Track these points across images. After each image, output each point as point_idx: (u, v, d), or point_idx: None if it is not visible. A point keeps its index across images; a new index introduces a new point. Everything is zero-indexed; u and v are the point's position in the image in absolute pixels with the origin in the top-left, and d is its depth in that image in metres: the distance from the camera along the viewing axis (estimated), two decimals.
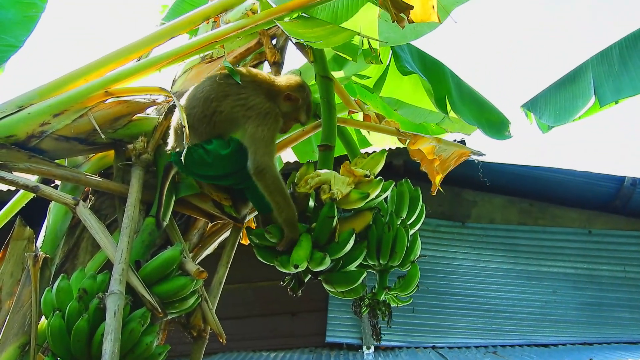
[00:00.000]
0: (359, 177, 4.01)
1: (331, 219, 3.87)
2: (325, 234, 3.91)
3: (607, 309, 12.82)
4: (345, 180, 3.97)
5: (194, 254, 4.33)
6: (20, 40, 4.57)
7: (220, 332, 3.98)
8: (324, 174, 4.03)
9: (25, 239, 4.06)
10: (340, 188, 3.91)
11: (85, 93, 4.01)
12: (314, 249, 3.87)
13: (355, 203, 3.96)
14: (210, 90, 3.94)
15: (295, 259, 3.78)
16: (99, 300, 3.32)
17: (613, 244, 13.28)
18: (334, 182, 3.95)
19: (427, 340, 12.09)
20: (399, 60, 5.01)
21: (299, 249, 3.82)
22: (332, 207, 3.86)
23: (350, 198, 3.93)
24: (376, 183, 4.01)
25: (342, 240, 3.92)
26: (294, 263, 3.77)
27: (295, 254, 3.80)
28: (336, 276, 4.11)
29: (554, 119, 5.39)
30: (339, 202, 3.92)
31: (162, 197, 3.93)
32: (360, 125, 5.12)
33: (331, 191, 3.90)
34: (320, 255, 3.84)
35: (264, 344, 12.26)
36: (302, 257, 3.78)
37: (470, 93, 5.65)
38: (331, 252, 3.90)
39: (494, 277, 12.87)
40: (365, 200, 3.95)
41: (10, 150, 3.85)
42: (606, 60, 5.42)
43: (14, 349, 3.68)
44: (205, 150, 3.83)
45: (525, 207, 13.47)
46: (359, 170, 4.05)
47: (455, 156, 4.97)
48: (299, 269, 3.81)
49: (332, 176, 3.99)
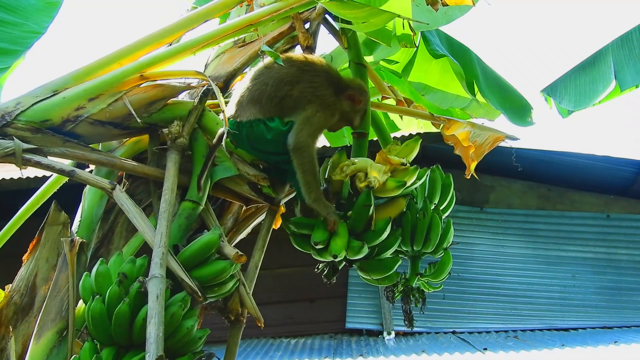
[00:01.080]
0: (395, 165, 4.00)
1: (368, 207, 3.86)
2: (362, 222, 3.90)
3: (626, 293, 12.83)
4: (381, 169, 3.96)
5: (229, 238, 4.31)
6: (42, 27, 4.57)
7: (258, 316, 3.96)
8: (360, 161, 4.02)
9: (61, 224, 4.07)
10: (377, 176, 3.89)
11: (121, 77, 3.98)
12: (351, 237, 3.87)
13: (391, 191, 3.95)
14: (286, 74, 3.96)
15: (334, 248, 3.78)
16: (140, 284, 3.31)
17: (631, 228, 13.32)
18: (370, 170, 3.94)
19: (447, 326, 12.12)
20: (429, 44, 4.99)
21: (337, 238, 3.82)
22: (369, 196, 3.85)
23: (387, 186, 3.93)
24: (412, 171, 3.99)
25: (379, 228, 3.91)
26: (332, 253, 3.77)
27: (334, 243, 3.79)
28: (372, 264, 4.10)
29: (574, 103, 5.37)
30: (375, 190, 3.90)
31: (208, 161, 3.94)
32: (394, 110, 5.11)
33: (368, 179, 3.88)
34: (358, 244, 3.83)
35: (284, 331, 12.30)
36: (340, 246, 3.77)
37: (495, 78, 5.62)
38: (368, 240, 3.90)
39: (513, 262, 12.89)
40: (402, 189, 3.95)
41: (46, 135, 3.82)
42: (627, 44, 5.39)
43: (52, 334, 3.68)
44: (267, 126, 3.88)
45: (544, 192, 13.47)
46: (395, 158, 4.03)
47: (490, 141, 4.95)
48: (338, 258, 3.81)
49: (368, 164, 3.98)
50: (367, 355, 10.28)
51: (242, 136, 3.92)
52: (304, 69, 4.02)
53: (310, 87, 3.96)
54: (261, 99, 3.91)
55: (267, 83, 3.95)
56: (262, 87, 3.94)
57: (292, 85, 3.94)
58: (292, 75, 3.97)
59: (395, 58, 5.57)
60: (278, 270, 12.09)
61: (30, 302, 3.91)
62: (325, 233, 3.84)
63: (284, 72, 3.97)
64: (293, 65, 4.02)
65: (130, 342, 3.34)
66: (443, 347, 10.69)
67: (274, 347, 11.35)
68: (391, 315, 12.09)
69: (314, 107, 3.92)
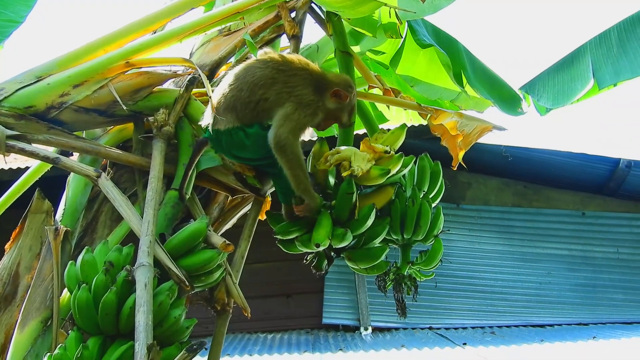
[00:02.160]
0: (379, 153, 3.96)
1: (350, 195, 3.83)
2: (345, 210, 3.87)
3: (601, 290, 12.93)
4: (365, 157, 3.92)
5: (214, 228, 4.28)
6: (21, 16, 4.52)
7: (244, 305, 3.94)
8: (344, 150, 3.98)
9: (44, 212, 4.01)
10: (361, 164, 3.85)
11: (106, 64, 3.93)
12: (335, 226, 3.84)
13: (376, 179, 3.91)
14: (260, 77, 3.81)
15: (316, 238, 3.74)
16: (127, 273, 3.27)
17: (606, 225, 13.42)
18: (355, 159, 3.90)
19: (424, 322, 12.15)
20: (416, 34, 4.97)
21: (320, 227, 3.79)
22: (350, 184, 3.81)
23: (371, 174, 3.88)
24: (397, 159, 3.96)
25: (362, 216, 3.89)
26: (315, 242, 3.74)
27: (316, 232, 3.77)
28: (359, 253, 4.09)
29: (552, 101, 5.37)
30: (360, 179, 3.87)
31: (189, 170, 3.88)
32: (381, 99, 5.09)
33: (351, 168, 3.85)
34: (341, 232, 3.81)
35: (260, 326, 12.27)
36: (322, 235, 3.74)
37: (483, 69, 5.62)
38: (352, 229, 3.87)
39: (489, 259, 12.94)
40: (386, 177, 3.90)
41: (30, 122, 3.76)
42: (605, 43, 5.41)
43: (37, 323, 3.63)
44: (245, 133, 3.75)
45: (520, 189, 13.53)
46: (379, 146, 4.00)
47: (478, 131, 4.94)
48: (321, 247, 3.78)
49: (352, 153, 3.94)
50: (347, 350, 10.27)
51: (222, 145, 3.80)
52: (280, 69, 3.87)
53: (286, 87, 3.82)
54: (236, 105, 3.77)
55: (241, 89, 3.80)
56: (237, 94, 3.80)
57: (267, 88, 3.80)
58: (266, 77, 3.81)
59: (382, 49, 5.56)
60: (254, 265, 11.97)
61: (13, 291, 3.85)
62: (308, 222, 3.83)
63: (259, 75, 3.82)
64: (268, 66, 3.87)
65: (117, 332, 3.30)
66: (422, 342, 10.71)
67: (251, 341, 11.31)
68: (368, 311, 12.08)
69: (291, 106, 3.78)
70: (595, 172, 13.06)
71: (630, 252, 13.31)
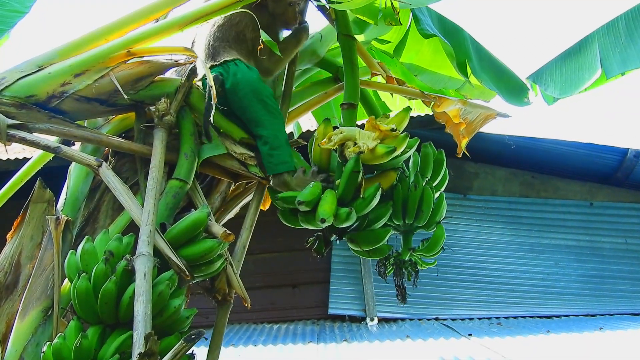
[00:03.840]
0: (384, 131, 3.93)
1: (357, 173, 3.81)
2: (351, 189, 3.86)
3: (609, 281, 12.87)
4: (370, 135, 3.89)
5: (216, 217, 4.27)
6: (26, 6, 4.51)
7: (245, 296, 3.93)
8: (349, 129, 3.97)
9: (46, 202, 4.00)
10: (367, 142, 3.83)
11: (107, 53, 3.92)
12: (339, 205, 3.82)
13: (381, 158, 3.88)
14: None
15: (321, 212, 3.73)
16: (126, 262, 3.26)
17: (614, 216, 13.35)
18: (360, 137, 3.88)
19: (430, 312, 12.12)
20: (420, 23, 4.94)
21: (324, 202, 3.78)
22: (357, 161, 3.80)
23: (377, 152, 3.85)
24: (402, 138, 3.93)
25: (368, 195, 3.87)
26: (320, 217, 3.72)
27: (321, 207, 3.76)
28: (362, 235, 4.08)
29: (559, 90, 5.33)
30: (365, 158, 3.85)
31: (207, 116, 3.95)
32: (384, 87, 5.07)
33: (356, 145, 3.82)
34: (345, 211, 3.78)
35: (266, 316, 12.27)
36: (328, 211, 3.73)
37: (490, 58, 5.58)
38: (357, 208, 3.85)
39: (496, 249, 12.90)
40: (391, 155, 3.87)
41: (31, 111, 3.76)
42: (612, 31, 5.35)
43: (37, 312, 3.62)
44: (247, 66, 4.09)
45: (528, 179, 13.48)
46: (385, 125, 3.97)
47: (482, 118, 4.93)
48: (326, 223, 3.76)
49: (357, 132, 3.92)
50: (352, 341, 10.25)
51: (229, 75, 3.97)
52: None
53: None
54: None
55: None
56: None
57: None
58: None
59: (386, 38, 5.53)
60: (260, 256, 12.04)
61: (14, 281, 3.85)
62: (314, 194, 3.81)
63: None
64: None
65: (117, 321, 3.30)
66: (427, 332, 10.69)
67: (256, 332, 11.30)
68: (374, 302, 12.06)
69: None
70: (603, 162, 12.99)
71: (638, 243, 13.24)
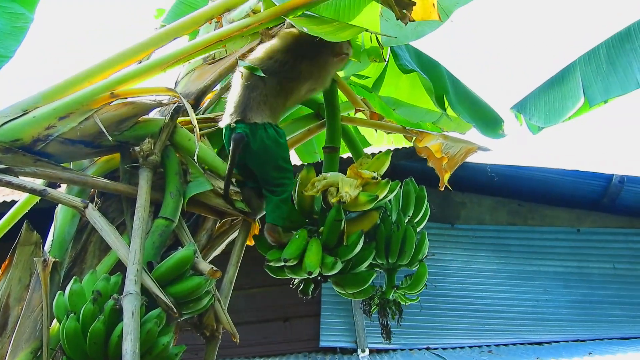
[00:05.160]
0: (366, 179, 4.02)
1: (339, 222, 3.90)
2: (334, 237, 3.94)
3: (599, 306, 12.89)
4: (353, 183, 3.98)
5: (203, 255, 4.30)
6: (10, 51, 4.54)
7: (233, 331, 3.96)
8: (331, 176, 4.04)
9: (33, 244, 4.02)
10: (349, 191, 3.92)
11: (91, 95, 3.98)
12: (324, 252, 3.89)
13: (364, 205, 3.98)
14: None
15: (308, 265, 3.81)
16: (114, 302, 3.30)
17: (602, 241, 13.39)
18: (342, 185, 3.95)
19: (421, 342, 12.11)
20: (398, 59, 5.02)
21: (310, 254, 3.85)
22: (339, 211, 3.89)
23: (359, 200, 3.95)
24: (384, 184, 4.03)
25: (351, 242, 3.94)
26: (307, 270, 3.81)
27: (308, 259, 3.83)
28: (347, 278, 4.14)
29: (544, 120, 5.37)
30: (348, 205, 3.92)
31: (231, 170, 4.00)
32: (366, 123, 5.15)
33: (339, 194, 3.90)
34: (331, 260, 3.87)
35: (258, 351, 12.23)
36: (314, 262, 3.81)
37: (465, 92, 5.66)
38: (341, 255, 3.94)
39: (485, 278, 12.92)
40: (374, 202, 3.98)
41: (16, 155, 3.81)
42: (594, 60, 5.40)
43: (26, 354, 3.64)
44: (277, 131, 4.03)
45: (514, 208, 13.53)
46: (367, 172, 4.05)
47: (463, 152, 4.99)
48: (313, 275, 3.83)
49: (339, 179, 4.00)
50: None
51: (256, 139, 3.93)
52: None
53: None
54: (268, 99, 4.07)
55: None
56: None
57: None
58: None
59: (365, 73, 5.59)
60: (251, 290, 12.03)
61: (3, 323, 3.86)
62: (298, 249, 3.87)
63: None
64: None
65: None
66: None
67: None
68: (365, 333, 12.05)
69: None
70: (589, 188, 13.07)
71: (627, 267, 13.28)
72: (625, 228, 13.50)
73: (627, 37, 5.30)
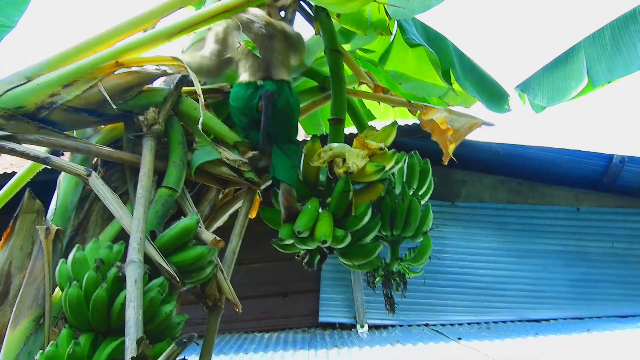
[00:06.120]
0: (373, 149, 3.99)
1: (347, 192, 3.87)
2: (342, 208, 3.91)
3: (597, 285, 12.95)
4: (359, 153, 3.95)
5: (206, 225, 4.29)
6: (12, 20, 4.51)
7: (236, 301, 3.95)
8: (338, 147, 4.01)
9: (35, 212, 4.02)
10: (356, 161, 3.89)
11: (95, 63, 3.94)
12: None
13: (370, 176, 3.95)
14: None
15: (322, 234, 3.79)
16: (117, 270, 3.28)
17: (601, 221, 13.43)
18: (349, 156, 3.93)
19: (420, 319, 12.16)
20: (406, 33, 4.99)
21: (323, 223, 3.82)
22: (347, 182, 3.87)
23: (366, 171, 3.92)
24: (390, 155, 4.00)
25: (360, 213, 3.92)
26: (321, 239, 3.78)
27: (321, 229, 3.80)
28: (353, 250, 4.12)
29: (547, 99, 5.38)
30: (354, 176, 3.90)
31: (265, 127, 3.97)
32: (371, 96, 5.13)
33: (346, 164, 3.87)
34: (341, 233, 3.84)
35: (257, 325, 12.27)
36: (328, 232, 3.78)
37: (472, 66, 5.65)
38: (349, 226, 3.91)
39: (485, 256, 12.95)
40: (381, 173, 3.94)
41: (20, 122, 3.78)
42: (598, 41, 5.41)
43: (29, 322, 3.64)
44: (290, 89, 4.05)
45: (515, 186, 13.54)
46: (373, 143, 4.02)
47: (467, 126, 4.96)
48: (327, 244, 3.81)
49: (346, 150, 3.97)
50: (342, 347, 10.27)
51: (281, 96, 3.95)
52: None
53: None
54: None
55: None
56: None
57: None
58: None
59: (371, 47, 5.58)
60: (251, 266, 12.05)
61: (5, 291, 3.86)
62: (311, 219, 3.85)
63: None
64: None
65: (109, 328, 3.30)
66: (417, 338, 10.73)
67: (247, 341, 11.31)
68: (364, 309, 12.08)
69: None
70: (589, 168, 13.08)
71: (625, 247, 13.33)
72: (625, 208, 13.52)
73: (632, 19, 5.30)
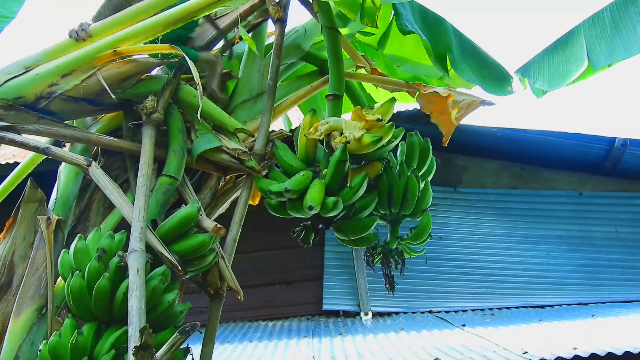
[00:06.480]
0: (370, 121, 3.94)
1: (344, 162, 3.82)
2: (338, 179, 3.87)
3: (601, 270, 12.91)
4: (356, 125, 3.91)
5: (207, 213, 4.28)
6: (12, 11, 4.52)
7: (237, 288, 3.94)
8: (335, 120, 3.98)
9: (37, 202, 4.04)
10: (353, 132, 3.86)
11: (94, 53, 3.95)
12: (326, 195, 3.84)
13: (368, 147, 3.89)
14: None
15: (309, 200, 3.75)
16: (119, 259, 3.29)
17: (604, 205, 13.40)
18: (346, 127, 3.90)
19: (423, 305, 12.15)
20: (400, 18, 4.96)
21: (313, 191, 3.79)
22: (344, 151, 3.80)
23: (363, 141, 3.85)
24: (388, 128, 3.94)
25: (355, 184, 3.88)
26: (308, 205, 3.73)
27: (310, 195, 3.77)
28: (349, 224, 4.11)
29: (548, 83, 5.35)
30: (351, 148, 3.86)
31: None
32: (368, 78, 5.10)
33: (343, 135, 3.85)
34: (332, 200, 3.79)
35: (261, 314, 12.27)
36: (316, 198, 3.74)
37: (473, 48, 5.61)
38: (344, 198, 3.87)
39: (488, 241, 12.93)
40: (378, 144, 3.88)
41: (19, 112, 3.78)
42: (598, 23, 5.37)
43: (31, 312, 3.66)
44: None
45: (517, 171, 13.52)
46: (370, 115, 3.99)
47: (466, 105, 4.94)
48: (314, 210, 3.77)
49: (343, 122, 3.94)
50: (346, 334, 10.28)
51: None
52: None
53: None
54: None
55: None
56: None
57: None
58: None
59: (371, 30, 5.55)
60: (253, 254, 12.06)
61: (8, 281, 3.87)
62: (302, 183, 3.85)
63: None
64: None
65: (111, 317, 3.33)
66: (421, 325, 10.73)
67: (252, 329, 11.31)
68: (368, 296, 12.08)
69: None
70: (591, 151, 13.04)
71: (628, 231, 13.30)
72: (627, 192, 13.49)
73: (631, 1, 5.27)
